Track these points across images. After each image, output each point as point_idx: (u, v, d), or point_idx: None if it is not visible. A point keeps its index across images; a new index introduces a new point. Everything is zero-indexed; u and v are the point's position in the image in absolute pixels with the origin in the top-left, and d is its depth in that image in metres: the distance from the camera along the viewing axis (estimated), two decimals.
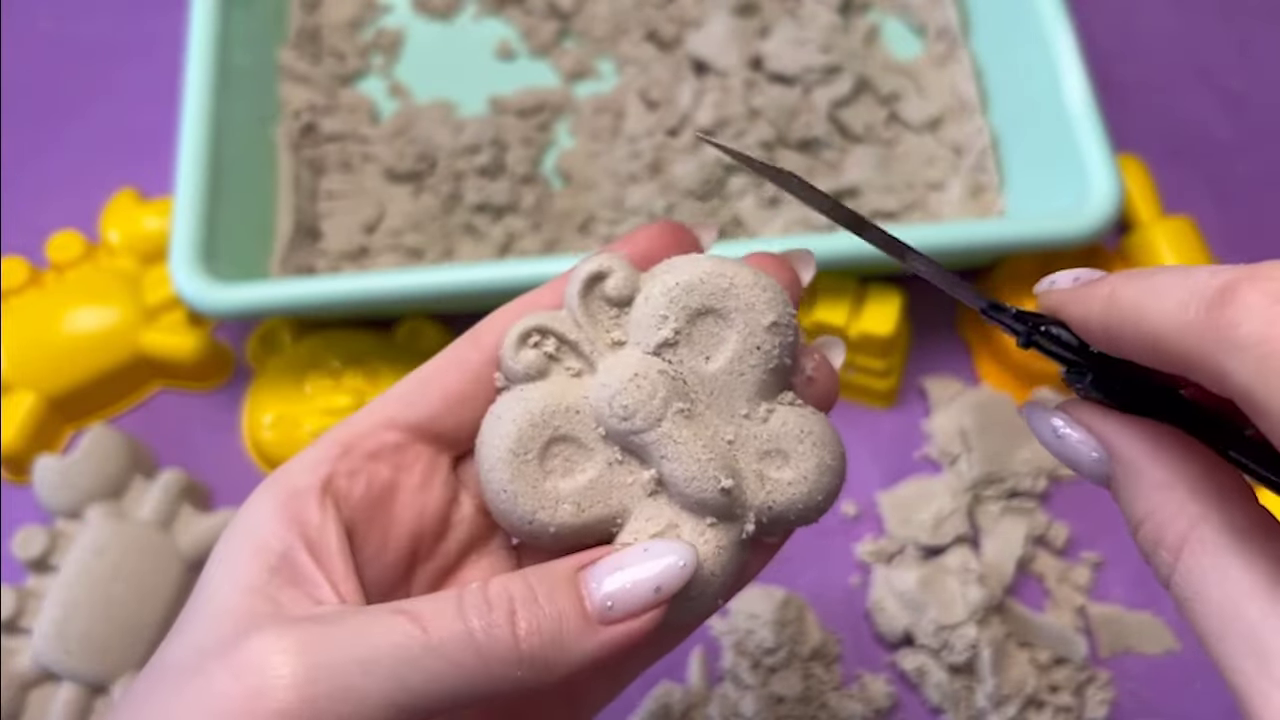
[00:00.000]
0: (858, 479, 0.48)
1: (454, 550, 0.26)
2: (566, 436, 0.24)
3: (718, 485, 0.23)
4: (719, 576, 0.24)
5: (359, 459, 0.24)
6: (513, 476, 0.24)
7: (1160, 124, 0.57)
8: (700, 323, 0.24)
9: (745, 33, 0.55)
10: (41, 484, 0.45)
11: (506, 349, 0.25)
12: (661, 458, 0.24)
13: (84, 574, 0.42)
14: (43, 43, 0.60)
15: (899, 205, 0.52)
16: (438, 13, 0.59)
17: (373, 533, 0.24)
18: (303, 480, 0.24)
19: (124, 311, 0.50)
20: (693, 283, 0.24)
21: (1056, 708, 0.43)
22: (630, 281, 0.25)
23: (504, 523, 0.25)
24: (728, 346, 0.24)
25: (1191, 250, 0.50)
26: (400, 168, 0.53)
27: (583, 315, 0.25)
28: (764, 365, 0.24)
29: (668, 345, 0.24)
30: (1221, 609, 0.18)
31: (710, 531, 0.24)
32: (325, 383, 0.49)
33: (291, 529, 0.23)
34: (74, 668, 0.42)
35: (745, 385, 0.24)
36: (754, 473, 0.24)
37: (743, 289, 0.24)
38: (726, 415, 0.24)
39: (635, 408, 0.24)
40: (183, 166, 0.47)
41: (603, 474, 0.24)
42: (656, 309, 0.24)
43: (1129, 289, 0.20)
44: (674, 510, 0.24)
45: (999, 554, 0.46)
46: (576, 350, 0.25)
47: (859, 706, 0.43)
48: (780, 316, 0.25)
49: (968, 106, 0.54)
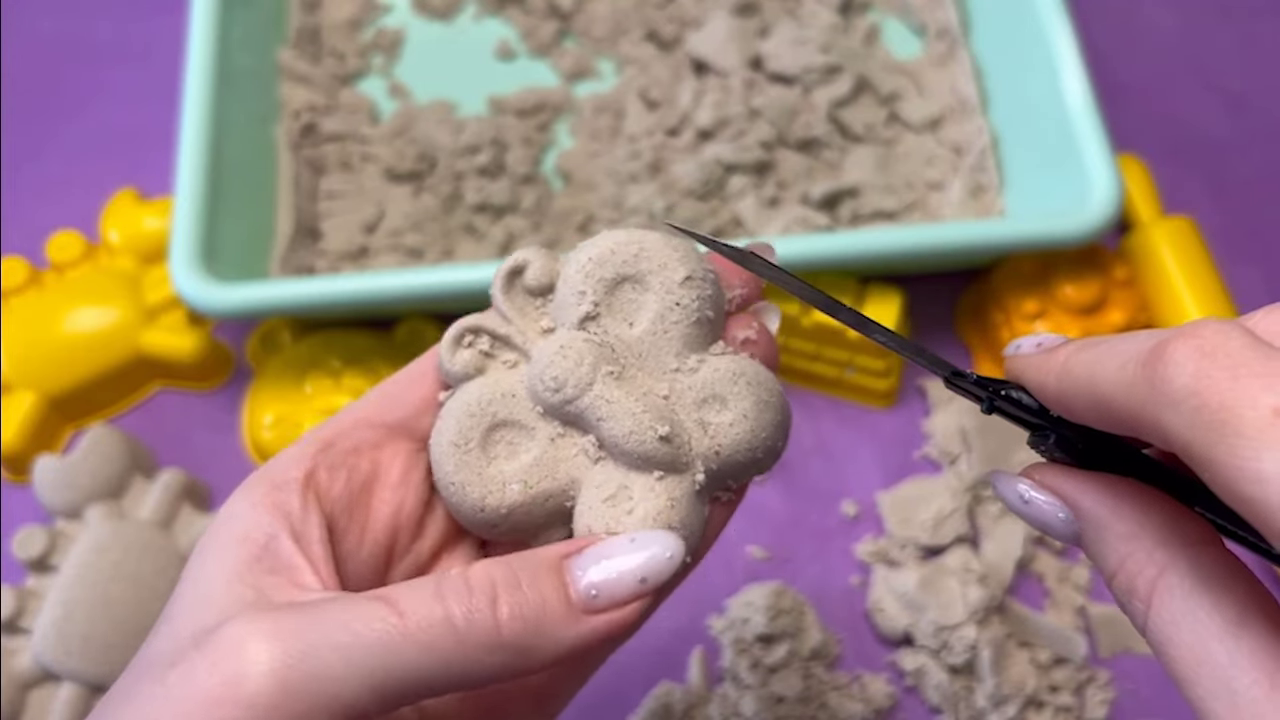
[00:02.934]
0: (858, 479, 0.48)
1: (427, 550, 0.26)
2: (506, 421, 0.25)
3: (656, 434, 0.24)
4: (678, 530, 0.24)
5: (340, 454, 0.25)
6: (456, 467, 0.25)
7: (1160, 124, 0.57)
8: (618, 292, 0.25)
9: (745, 33, 0.55)
10: (41, 484, 0.45)
11: (443, 354, 0.25)
12: (598, 420, 0.24)
13: (84, 574, 0.42)
14: (43, 43, 0.60)
15: (899, 205, 0.52)
16: (438, 13, 0.59)
17: (352, 526, 0.25)
18: (286, 474, 0.24)
19: (124, 311, 0.50)
20: (604, 255, 0.25)
21: (1056, 708, 0.43)
22: (548, 269, 0.26)
23: (460, 517, 0.25)
24: (648, 308, 0.25)
25: (1191, 250, 0.50)
26: (400, 168, 0.53)
27: (509, 309, 0.26)
28: (686, 320, 0.25)
29: (590, 319, 0.25)
30: (1192, 652, 0.18)
31: (660, 485, 0.24)
32: (325, 383, 0.49)
33: (275, 518, 0.23)
34: (74, 668, 0.42)
35: (671, 341, 0.25)
36: (695, 422, 0.25)
37: (652, 251, 0.25)
38: (657, 373, 0.25)
39: (564, 376, 0.24)
40: (183, 166, 0.47)
41: (546, 450, 0.25)
42: (574, 287, 0.25)
43: (1081, 355, 0.20)
44: (621, 472, 0.24)
45: (999, 554, 0.46)
46: (509, 343, 0.26)
47: (859, 706, 0.43)
48: (693, 270, 0.25)
49: (968, 106, 0.54)
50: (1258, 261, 0.53)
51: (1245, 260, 0.53)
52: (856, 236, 0.46)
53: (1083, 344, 0.21)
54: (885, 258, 0.45)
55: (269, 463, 0.25)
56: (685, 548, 0.23)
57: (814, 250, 0.45)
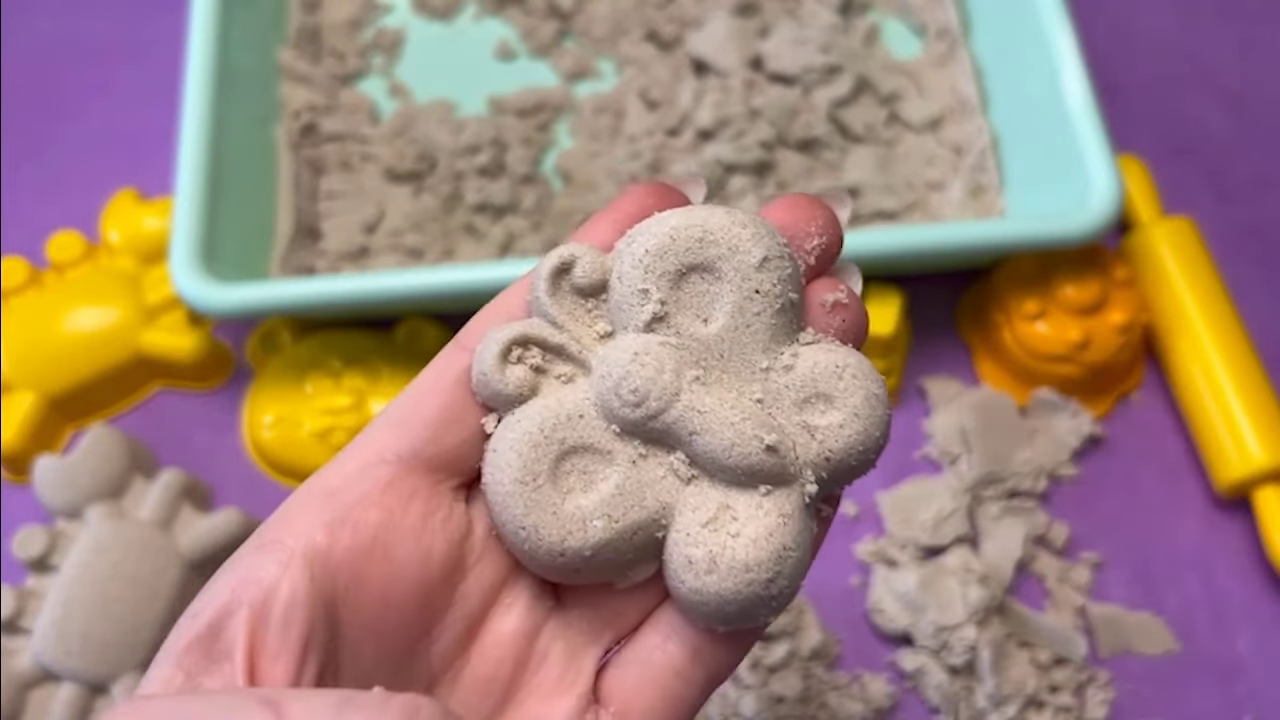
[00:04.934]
0: (858, 479, 0.48)
1: (476, 594, 0.22)
2: (577, 447, 0.22)
3: (761, 445, 0.21)
4: (794, 551, 0.21)
5: (343, 507, 0.21)
6: (526, 509, 0.21)
7: (1160, 124, 0.57)
8: (686, 285, 0.22)
9: (745, 33, 0.55)
10: (41, 484, 0.45)
11: (489, 373, 0.22)
12: (691, 435, 0.21)
13: (84, 574, 0.42)
14: (43, 43, 0.60)
15: (899, 205, 0.52)
16: (438, 13, 0.59)
17: (369, 590, 0.21)
18: (270, 535, 0.21)
19: (124, 311, 0.50)
20: (664, 244, 0.22)
21: (1056, 708, 0.43)
22: (598, 264, 0.22)
23: (534, 565, 0.22)
24: (724, 300, 0.22)
25: (1191, 250, 0.50)
26: (400, 168, 0.53)
27: (559, 314, 0.22)
28: (770, 308, 0.22)
29: (658, 320, 0.22)
30: None
31: (768, 502, 0.21)
32: (325, 383, 0.49)
33: (236, 595, 0.20)
34: (74, 668, 0.42)
35: (756, 335, 0.22)
36: (798, 425, 0.22)
37: (719, 233, 0.22)
38: (747, 374, 0.22)
39: (646, 388, 0.21)
40: (183, 166, 0.47)
41: (629, 475, 0.22)
42: (633, 284, 0.22)
43: None
44: (720, 491, 0.22)
45: (999, 554, 0.46)
46: (563, 353, 0.22)
47: (859, 706, 0.43)
48: (770, 250, 0.22)
49: (968, 106, 0.54)
50: (1258, 261, 0.53)
51: (1245, 260, 0.53)
52: (856, 236, 0.46)
53: None
54: (885, 258, 0.45)
55: (268, 519, 0.22)
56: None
57: None
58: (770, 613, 0.22)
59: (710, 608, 0.21)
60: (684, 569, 0.21)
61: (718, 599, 0.21)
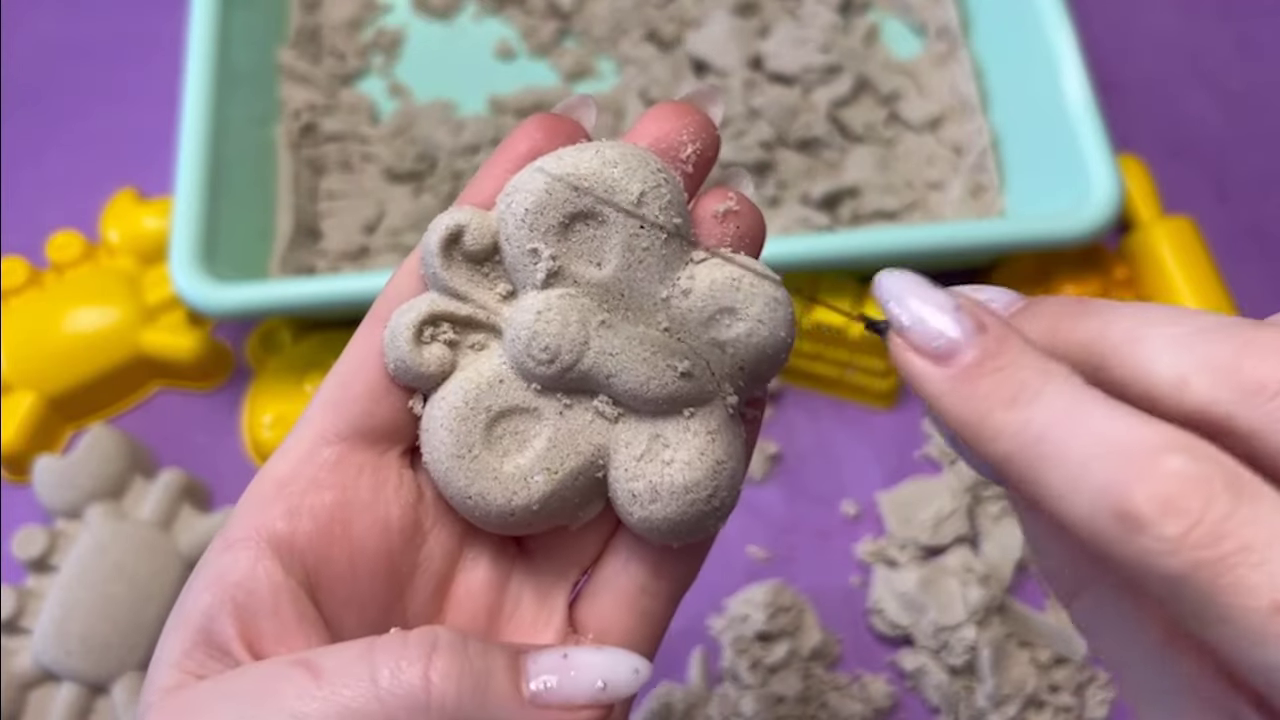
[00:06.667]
0: (858, 479, 0.48)
1: (438, 555, 0.24)
2: (504, 411, 0.22)
3: (676, 373, 0.22)
4: (728, 462, 0.22)
5: (296, 494, 0.22)
6: (469, 480, 0.22)
7: (1160, 124, 0.57)
8: (572, 234, 0.22)
9: (745, 33, 0.55)
10: (41, 484, 0.45)
11: (407, 358, 0.22)
12: (608, 378, 0.22)
13: (84, 574, 0.42)
14: (43, 43, 0.60)
15: (899, 205, 0.52)
16: (438, 13, 0.59)
17: (336, 566, 0.22)
18: (235, 534, 0.22)
19: (124, 311, 0.50)
20: (541, 201, 0.22)
21: (1057, 708, 0.43)
22: (485, 228, 0.22)
23: (488, 527, 0.23)
24: (612, 241, 0.22)
25: (1191, 250, 0.50)
26: (400, 168, 0.53)
27: (459, 284, 0.22)
28: (657, 240, 0.22)
29: (553, 275, 0.22)
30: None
31: (694, 424, 0.22)
32: None
33: (216, 596, 0.21)
34: (74, 668, 0.42)
35: (650, 269, 0.22)
36: (708, 343, 0.22)
37: (592, 178, 0.22)
38: (649, 306, 0.22)
39: (556, 344, 0.22)
40: (183, 166, 0.47)
41: (558, 427, 0.22)
42: (521, 245, 0.22)
43: (1036, 449, 0.17)
44: (648, 422, 0.22)
45: (999, 554, 0.46)
46: (473, 323, 0.23)
47: (859, 706, 0.43)
48: (646, 181, 0.22)
49: (968, 106, 0.54)
50: (1258, 261, 0.53)
51: (1245, 260, 0.53)
52: (856, 236, 0.46)
53: (1038, 423, 0.17)
54: (885, 258, 0.45)
55: (227, 521, 0.22)
56: (649, 666, 0.21)
57: (814, 250, 0.45)
58: (718, 521, 0.23)
59: (661, 531, 0.23)
60: (629, 502, 0.23)
61: (666, 523, 0.22)
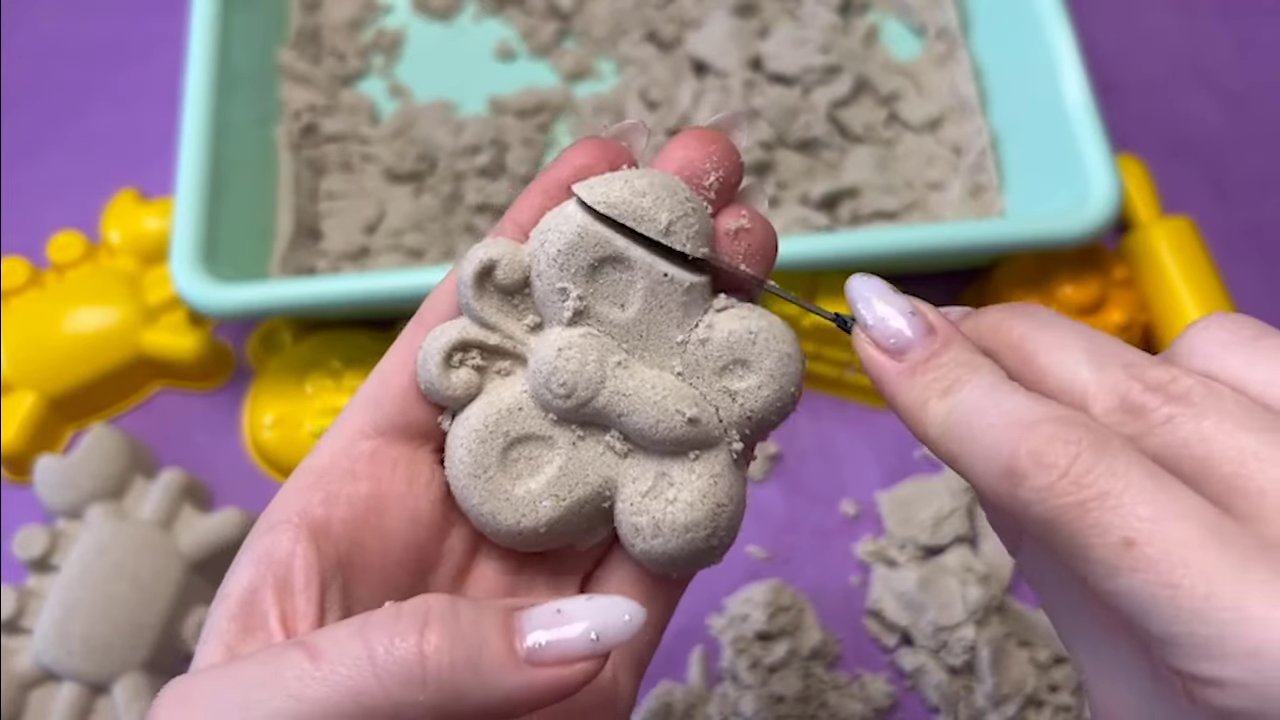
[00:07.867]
0: (858, 479, 0.48)
1: (460, 547, 0.25)
2: (521, 437, 0.24)
3: (684, 418, 0.23)
4: (728, 505, 0.24)
5: (334, 482, 0.24)
6: (482, 498, 0.24)
7: (1160, 124, 0.57)
8: (600, 276, 0.23)
9: (745, 33, 0.55)
10: (42, 484, 0.45)
11: (435, 381, 0.24)
12: (619, 416, 0.23)
13: (85, 574, 0.43)
14: (43, 43, 0.60)
15: (899, 205, 0.52)
16: (438, 13, 0.59)
17: (368, 553, 0.23)
18: (276, 516, 0.23)
19: (124, 311, 0.50)
20: (573, 242, 0.23)
21: (1056, 707, 0.43)
22: (516, 264, 0.24)
23: (499, 540, 0.25)
24: (637, 286, 0.23)
25: (1191, 250, 0.50)
26: (400, 168, 0.53)
27: (489, 314, 0.24)
28: (679, 288, 0.23)
29: (579, 314, 0.23)
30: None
31: (699, 466, 0.24)
32: (325, 383, 0.49)
33: (259, 571, 0.22)
34: (75, 667, 0.42)
35: (670, 314, 0.24)
36: (719, 391, 0.24)
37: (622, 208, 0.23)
38: (666, 350, 0.24)
39: (573, 380, 0.23)
40: (183, 167, 0.47)
41: (570, 457, 0.24)
42: (551, 283, 0.23)
43: (956, 417, 0.21)
44: (655, 460, 0.24)
45: (999, 554, 0.46)
46: (500, 352, 0.24)
47: (858, 706, 0.44)
48: (674, 210, 0.23)
49: (968, 106, 0.54)
50: (1258, 261, 0.53)
51: (1245, 260, 0.53)
52: (856, 236, 0.46)
53: (961, 393, 0.22)
54: (885, 258, 0.46)
55: (271, 503, 0.24)
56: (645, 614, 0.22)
57: (814, 250, 0.45)
58: (714, 559, 0.25)
59: (661, 563, 0.24)
60: (633, 535, 0.24)
61: (665, 556, 0.24)
